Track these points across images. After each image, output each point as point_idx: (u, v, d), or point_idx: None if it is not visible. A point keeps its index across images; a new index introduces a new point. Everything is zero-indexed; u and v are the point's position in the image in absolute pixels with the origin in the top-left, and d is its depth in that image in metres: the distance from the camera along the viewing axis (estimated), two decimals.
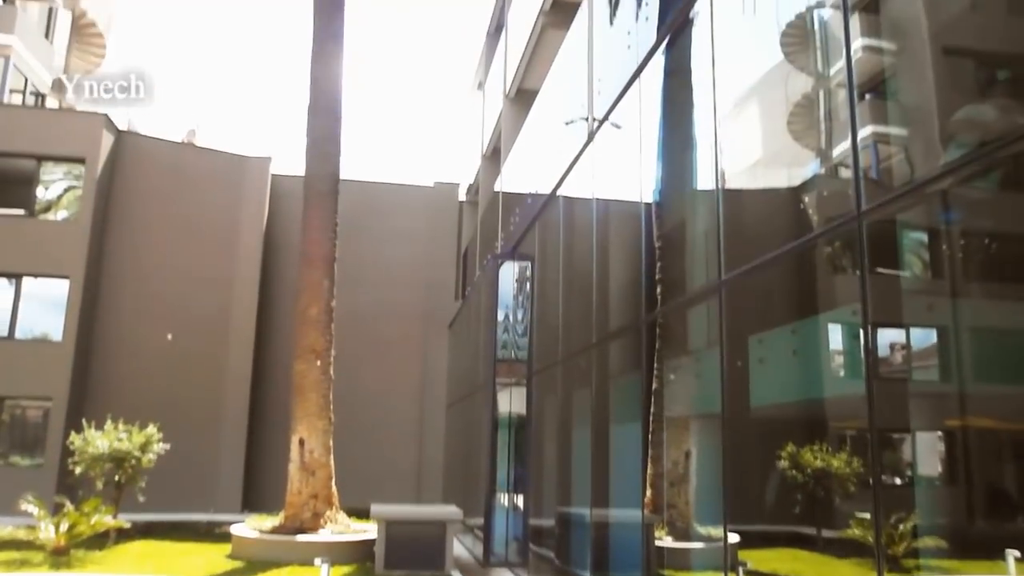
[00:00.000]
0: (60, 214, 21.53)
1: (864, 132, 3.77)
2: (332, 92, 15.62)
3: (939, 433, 3.61)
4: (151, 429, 14.73)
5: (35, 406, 20.34)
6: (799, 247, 4.24)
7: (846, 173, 3.79)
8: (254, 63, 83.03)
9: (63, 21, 29.04)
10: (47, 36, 28.49)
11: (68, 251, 20.20)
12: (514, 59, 16.75)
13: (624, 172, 7.77)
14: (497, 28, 20.36)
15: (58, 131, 21.45)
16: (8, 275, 20.39)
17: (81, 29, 28.71)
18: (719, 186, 5.44)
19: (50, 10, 29.07)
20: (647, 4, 7.18)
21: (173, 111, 71.33)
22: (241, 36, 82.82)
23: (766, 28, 4.85)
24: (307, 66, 15.72)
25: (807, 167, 4.48)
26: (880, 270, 3.73)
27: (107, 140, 21.32)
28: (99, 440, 14.17)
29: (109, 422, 14.62)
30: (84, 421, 14.90)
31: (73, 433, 14.66)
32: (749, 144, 5.14)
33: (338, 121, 15.65)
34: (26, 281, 20.45)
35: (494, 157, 20.00)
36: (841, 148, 3.92)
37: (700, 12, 5.79)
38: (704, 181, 5.87)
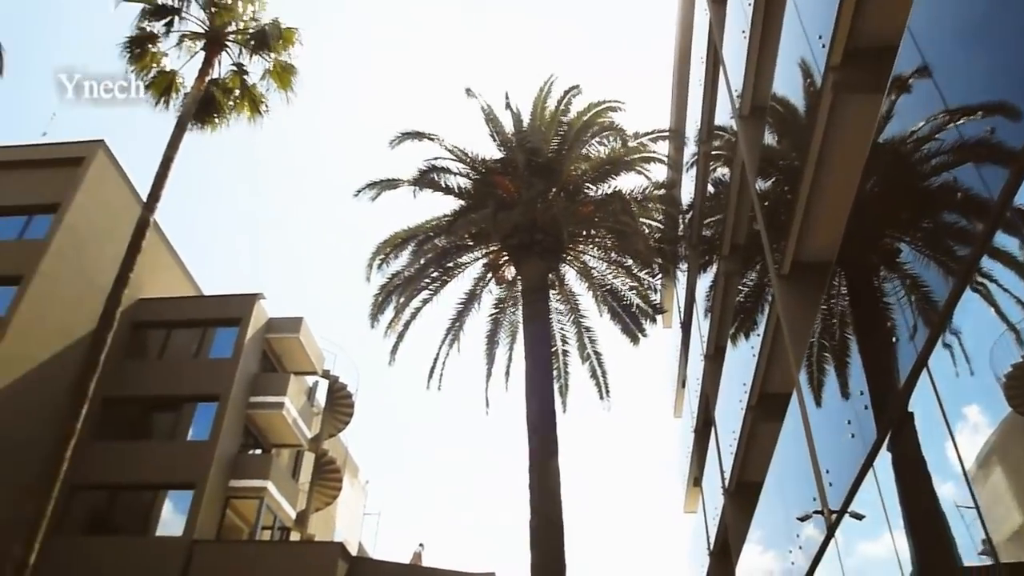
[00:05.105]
0: None
1: None
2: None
3: None
4: None
5: None
6: None
7: None
8: (478, 483, 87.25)
9: (308, 460, 32.46)
10: (293, 475, 31.71)
11: None
12: (727, 446, 16.49)
13: (873, 554, 7.00)
14: (705, 424, 20.51)
15: (299, 562, 22.71)
16: None
17: (324, 465, 31.76)
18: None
19: (298, 453, 32.80)
20: (862, 393, 7.04)
21: (406, 531, 74.73)
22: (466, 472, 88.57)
23: (989, 383, 4.51)
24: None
25: None
26: None
27: (342, 568, 22.22)
28: None
29: None
30: None
31: None
32: (1008, 513, 4.50)
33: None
34: None
35: (723, 553, 18.83)
36: None
37: (915, 409, 5.57)
38: (967, 555, 5.10)
